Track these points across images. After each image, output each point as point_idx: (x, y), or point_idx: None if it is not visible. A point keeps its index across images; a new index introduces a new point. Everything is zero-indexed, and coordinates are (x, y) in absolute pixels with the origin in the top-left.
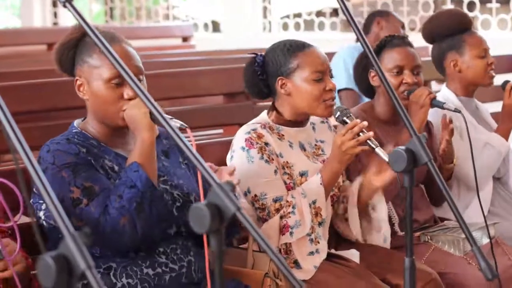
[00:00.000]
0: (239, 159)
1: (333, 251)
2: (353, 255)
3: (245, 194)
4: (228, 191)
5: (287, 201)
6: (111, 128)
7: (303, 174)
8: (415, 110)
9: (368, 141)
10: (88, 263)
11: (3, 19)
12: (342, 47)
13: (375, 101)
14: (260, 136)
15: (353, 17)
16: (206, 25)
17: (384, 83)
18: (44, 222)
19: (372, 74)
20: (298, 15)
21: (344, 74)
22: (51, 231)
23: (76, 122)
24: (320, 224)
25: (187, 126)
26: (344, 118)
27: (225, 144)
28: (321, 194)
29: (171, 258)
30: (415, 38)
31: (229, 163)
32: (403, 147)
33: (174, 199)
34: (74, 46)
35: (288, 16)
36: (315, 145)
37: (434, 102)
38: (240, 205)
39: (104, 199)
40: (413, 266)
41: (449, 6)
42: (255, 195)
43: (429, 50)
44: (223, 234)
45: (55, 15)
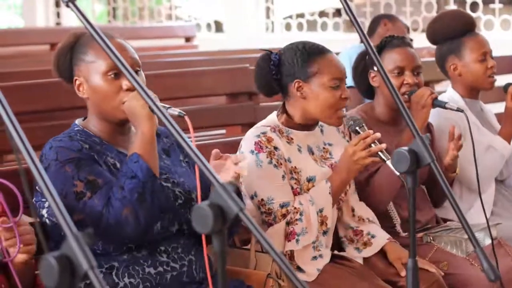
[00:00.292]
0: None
1: (336, 252)
2: (357, 256)
3: (252, 198)
4: (231, 192)
5: (295, 208)
6: (113, 125)
7: (311, 180)
8: (417, 110)
9: (380, 153)
10: (91, 263)
11: (6, 19)
12: (346, 47)
13: (375, 102)
14: (270, 140)
15: (356, 18)
16: (209, 25)
17: (387, 84)
18: (47, 220)
19: (372, 75)
20: (301, 16)
21: (350, 72)
22: (54, 229)
23: (78, 121)
24: (325, 233)
25: (185, 114)
26: (357, 128)
27: (228, 145)
28: (329, 203)
29: (172, 257)
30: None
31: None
32: (406, 148)
33: (176, 197)
34: (70, 50)
35: (291, 17)
36: (323, 148)
37: (436, 102)
38: (243, 206)
39: (107, 192)
40: (416, 267)
41: (452, 7)
42: (262, 199)
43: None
44: (226, 235)
45: (58, 15)
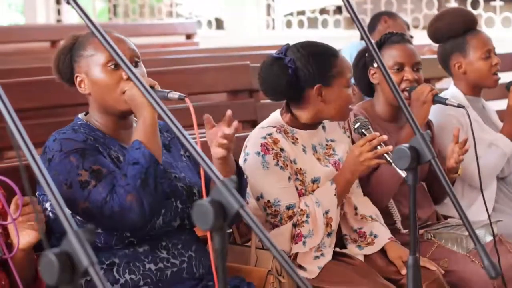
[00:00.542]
0: (254, 164)
1: (338, 249)
2: (358, 253)
3: (258, 199)
4: (231, 188)
5: (301, 210)
6: (115, 119)
7: (315, 181)
8: (417, 107)
9: (385, 155)
10: (91, 260)
11: (7, 16)
12: (347, 44)
13: (375, 99)
14: (276, 142)
15: (357, 15)
16: (210, 23)
17: (388, 80)
18: (50, 214)
19: (372, 72)
20: (302, 13)
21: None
22: (57, 222)
23: (81, 115)
24: (329, 235)
25: (186, 96)
26: (363, 130)
27: None
28: (334, 205)
29: (172, 253)
30: (419, 36)
31: (242, 166)
32: (407, 145)
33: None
34: (69, 51)
35: (292, 14)
36: (326, 145)
37: (437, 98)
38: (244, 203)
39: (111, 180)
40: (417, 264)
41: (453, 4)
42: (268, 201)
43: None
44: (227, 232)
45: (59, 12)
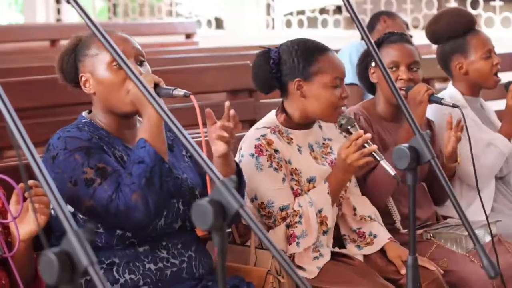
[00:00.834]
0: (248, 165)
1: (337, 249)
2: (357, 253)
3: (252, 201)
4: (231, 188)
5: (294, 210)
6: (119, 119)
7: (311, 181)
8: (414, 106)
9: (374, 153)
10: (91, 260)
11: (6, 15)
12: (347, 44)
13: (376, 98)
14: (270, 143)
15: (357, 15)
16: (209, 22)
17: (387, 78)
18: (52, 211)
19: (372, 71)
20: (302, 12)
21: (350, 69)
22: (57, 221)
23: (84, 113)
24: (325, 233)
25: (191, 93)
26: (348, 127)
27: None
28: (328, 203)
29: (172, 253)
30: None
31: None
32: (406, 145)
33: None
34: (73, 51)
35: (291, 13)
36: (323, 144)
37: (432, 98)
38: (243, 202)
39: (117, 178)
40: (416, 264)
41: (453, 4)
42: (262, 203)
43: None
44: (226, 231)
45: (58, 12)
